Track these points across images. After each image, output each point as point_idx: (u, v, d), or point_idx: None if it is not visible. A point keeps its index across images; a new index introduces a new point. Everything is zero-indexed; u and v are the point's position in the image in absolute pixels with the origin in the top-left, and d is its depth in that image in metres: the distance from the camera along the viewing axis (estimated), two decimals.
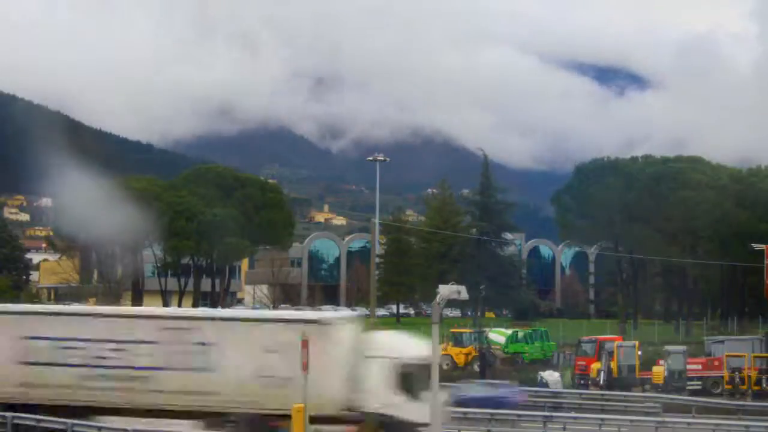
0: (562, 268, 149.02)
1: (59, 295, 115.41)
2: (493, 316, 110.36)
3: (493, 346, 62.42)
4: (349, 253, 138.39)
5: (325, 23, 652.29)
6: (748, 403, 44.38)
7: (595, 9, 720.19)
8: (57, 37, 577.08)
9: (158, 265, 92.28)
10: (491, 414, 35.95)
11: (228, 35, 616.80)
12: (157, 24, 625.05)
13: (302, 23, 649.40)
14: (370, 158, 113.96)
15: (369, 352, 27.44)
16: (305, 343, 30.79)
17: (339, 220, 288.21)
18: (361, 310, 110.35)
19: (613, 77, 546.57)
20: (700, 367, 51.53)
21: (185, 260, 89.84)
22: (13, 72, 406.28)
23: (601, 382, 49.66)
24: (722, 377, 50.75)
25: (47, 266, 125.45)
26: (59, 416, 28.91)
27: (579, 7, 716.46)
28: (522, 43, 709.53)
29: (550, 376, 49.02)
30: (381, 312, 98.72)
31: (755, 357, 52.00)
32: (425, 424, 25.07)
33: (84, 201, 66.66)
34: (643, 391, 48.53)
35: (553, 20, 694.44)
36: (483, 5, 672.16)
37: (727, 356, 51.61)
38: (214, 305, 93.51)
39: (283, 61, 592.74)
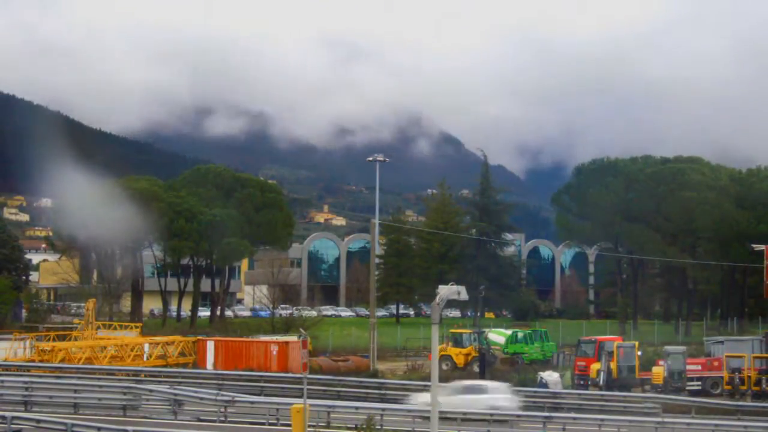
0: (562, 269, 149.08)
1: (59, 295, 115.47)
2: (493, 316, 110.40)
3: (492, 347, 62.39)
4: (349, 254, 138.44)
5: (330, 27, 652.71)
6: (748, 403, 44.32)
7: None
8: (58, 37, 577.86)
9: (158, 265, 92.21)
10: (491, 414, 35.91)
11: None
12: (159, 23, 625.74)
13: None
14: (370, 158, 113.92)
15: None
16: (305, 344, 30.86)
17: (339, 221, 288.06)
18: (361, 311, 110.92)
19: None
20: (699, 367, 51.40)
21: (185, 261, 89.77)
22: (13, 72, 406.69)
23: (601, 382, 49.60)
24: (722, 378, 50.66)
25: (47, 266, 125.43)
26: None
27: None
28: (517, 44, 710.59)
29: (550, 376, 48.94)
30: (381, 312, 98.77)
31: (755, 357, 51.89)
32: None
33: (84, 201, 66.74)
34: (643, 391, 48.43)
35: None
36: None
37: (726, 357, 51.54)
38: (213, 306, 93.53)
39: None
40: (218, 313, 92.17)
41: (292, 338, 56.73)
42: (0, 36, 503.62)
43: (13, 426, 29.94)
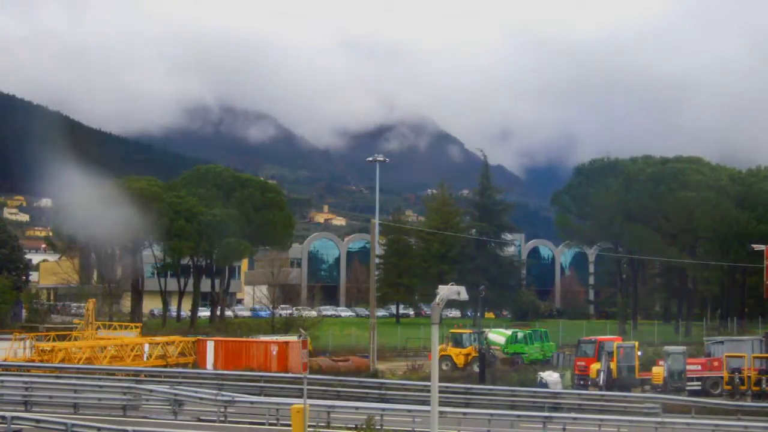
0: (562, 269, 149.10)
1: (59, 295, 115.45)
2: (493, 316, 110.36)
3: (492, 347, 62.37)
4: (349, 254, 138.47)
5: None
6: (748, 403, 44.31)
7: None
8: (59, 37, 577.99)
9: (158, 265, 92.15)
10: (491, 414, 35.90)
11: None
12: (156, 23, 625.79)
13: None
14: (370, 158, 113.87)
15: None
16: (305, 344, 30.87)
17: (339, 221, 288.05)
18: (361, 311, 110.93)
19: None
20: (699, 367, 51.38)
21: (185, 261, 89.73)
22: (13, 72, 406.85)
23: (601, 382, 49.61)
24: (722, 378, 50.65)
25: (47, 267, 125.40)
26: None
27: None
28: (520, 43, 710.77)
29: (550, 376, 48.93)
30: (381, 312, 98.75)
31: (755, 357, 51.90)
32: None
33: (84, 201, 66.67)
34: (643, 391, 48.45)
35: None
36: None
37: (726, 357, 51.54)
38: (213, 306, 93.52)
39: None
40: (218, 313, 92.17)
41: (292, 338, 56.71)
42: (2, 35, 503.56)
43: (13, 426, 29.94)
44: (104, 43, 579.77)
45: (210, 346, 56.66)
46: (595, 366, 51.06)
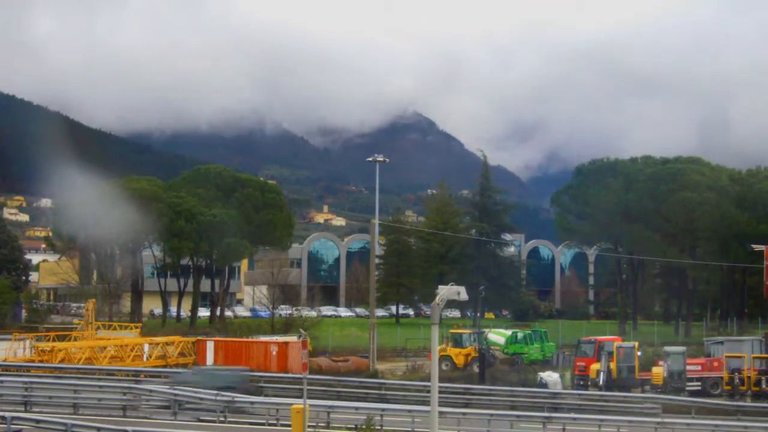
0: (562, 269, 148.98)
1: (59, 295, 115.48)
2: (493, 316, 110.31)
3: (492, 347, 62.40)
4: (349, 254, 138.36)
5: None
6: (748, 404, 44.32)
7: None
8: (58, 37, 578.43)
9: (158, 265, 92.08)
10: (491, 414, 35.93)
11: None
12: (157, 24, 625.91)
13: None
14: (370, 159, 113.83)
15: None
16: (305, 344, 30.87)
17: (338, 221, 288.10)
18: (361, 311, 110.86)
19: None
20: (699, 367, 51.44)
21: (184, 261, 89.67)
22: (14, 73, 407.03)
23: (601, 382, 49.64)
24: (722, 378, 50.70)
25: (47, 267, 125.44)
26: None
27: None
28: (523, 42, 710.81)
29: (550, 376, 48.97)
30: (381, 313, 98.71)
31: (755, 358, 51.94)
32: None
33: (84, 201, 66.75)
34: (643, 391, 48.48)
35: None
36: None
37: (726, 357, 51.57)
38: (213, 306, 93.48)
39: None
40: (218, 313, 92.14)
41: (292, 338, 56.71)
42: (3, 35, 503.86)
43: (13, 426, 29.94)
44: (103, 42, 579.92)
45: (210, 346, 56.66)
46: (594, 366, 51.07)
